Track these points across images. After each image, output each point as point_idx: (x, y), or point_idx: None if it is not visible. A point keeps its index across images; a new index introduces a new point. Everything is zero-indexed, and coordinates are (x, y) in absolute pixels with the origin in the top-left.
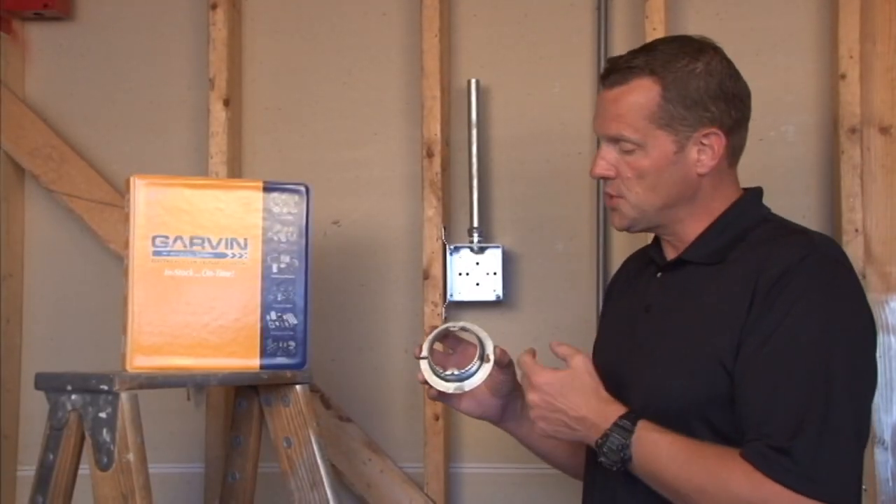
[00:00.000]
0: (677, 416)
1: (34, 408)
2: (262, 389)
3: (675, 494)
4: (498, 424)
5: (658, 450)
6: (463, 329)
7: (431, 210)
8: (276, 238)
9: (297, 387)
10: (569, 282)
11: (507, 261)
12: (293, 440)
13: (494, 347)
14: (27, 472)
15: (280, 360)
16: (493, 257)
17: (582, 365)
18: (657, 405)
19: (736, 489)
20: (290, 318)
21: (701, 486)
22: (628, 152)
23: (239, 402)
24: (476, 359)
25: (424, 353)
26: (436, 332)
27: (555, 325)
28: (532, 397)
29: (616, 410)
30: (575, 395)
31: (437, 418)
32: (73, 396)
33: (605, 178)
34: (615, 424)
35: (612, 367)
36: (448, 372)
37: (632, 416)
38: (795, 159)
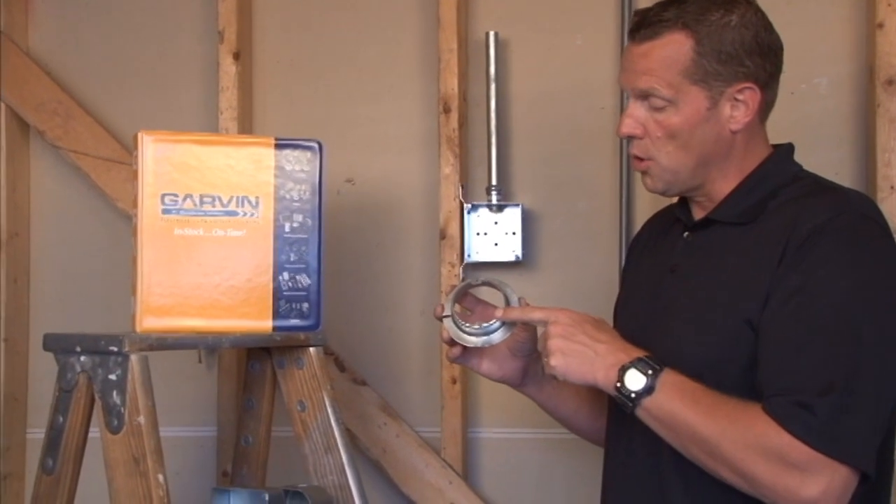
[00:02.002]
0: (702, 377)
1: (43, 369)
2: (275, 352)
3: (690, 437)
4: (518, 388)
5: (683, 391)
6: (485, 283)
7: (448, 168)
8: (288, 196)
9: (311, 349)
10: (590, 241)
11: (527, 220)
12: (307, 403)
13: (518, 299)
14: (37, 434)
15: (293, 321)
16: (513, 216)
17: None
18: (682, 366)
19: (757, 434)
20: (304, 279)
21: (722, 428)
22: (658, 109)
23: (252, 364)
24: None
25: (448, 311)
26: (457, 288)
27: (576, 287)
28: (552, 329)
29: (642, 352)
30: (598, 331)
31: (454, 381)
32: (83, 358)
33: (632, 138)
34: (639, 359)
35: (635, 327)
36: (475, 326)
37: (658, 360)
38: (828, 113)
